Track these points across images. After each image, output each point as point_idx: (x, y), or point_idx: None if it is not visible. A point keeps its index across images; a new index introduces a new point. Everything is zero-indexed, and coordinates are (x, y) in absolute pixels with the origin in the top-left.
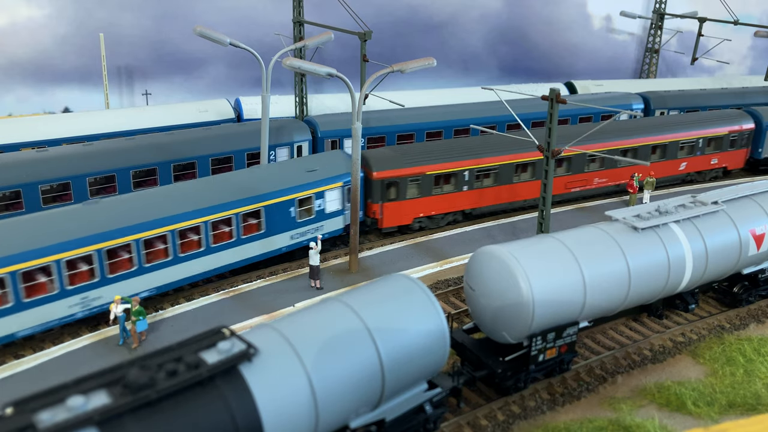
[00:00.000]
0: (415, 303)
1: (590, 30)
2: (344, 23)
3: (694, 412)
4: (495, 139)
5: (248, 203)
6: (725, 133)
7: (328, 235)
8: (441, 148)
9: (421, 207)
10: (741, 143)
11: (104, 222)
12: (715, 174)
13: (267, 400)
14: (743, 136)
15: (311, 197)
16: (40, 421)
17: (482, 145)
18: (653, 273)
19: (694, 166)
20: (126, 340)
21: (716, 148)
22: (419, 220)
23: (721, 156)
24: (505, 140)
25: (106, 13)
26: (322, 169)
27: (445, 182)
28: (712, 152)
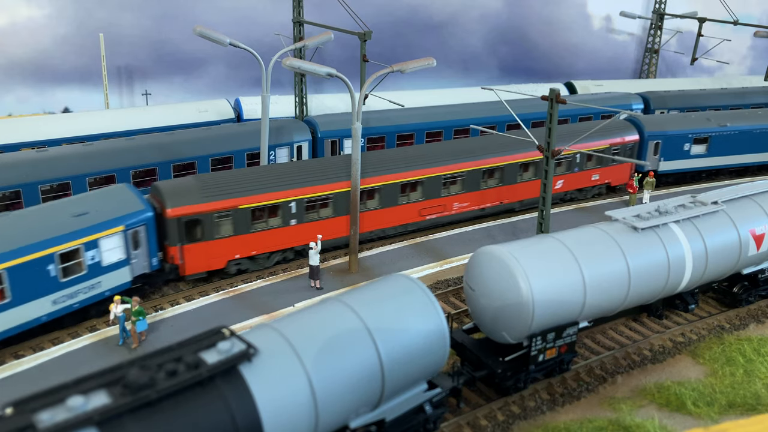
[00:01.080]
0: (415, 303)
1: (590, 30)
2: (344, 23)
3: (694, 412)
4: (336, 163)
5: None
6: (606, 146)
7: (110, 292)
8: (262, 175)
9: (237, 247)
10: (626, 156)
11: None
12: (598, 191)
13: (267, 400)
14: (626, 149)
15: (79, 249)
16: (40, 421)
17: (318, 169)
18: (653, 273)
19: (572, 183)
20: (126, 340)
21: (597, 163)
22: (237, 263)
23: (602, 171)
24: (344, 164)
25: (106, 13)
26: (95, 212)
27: (271, 215)
28: (592, 168)
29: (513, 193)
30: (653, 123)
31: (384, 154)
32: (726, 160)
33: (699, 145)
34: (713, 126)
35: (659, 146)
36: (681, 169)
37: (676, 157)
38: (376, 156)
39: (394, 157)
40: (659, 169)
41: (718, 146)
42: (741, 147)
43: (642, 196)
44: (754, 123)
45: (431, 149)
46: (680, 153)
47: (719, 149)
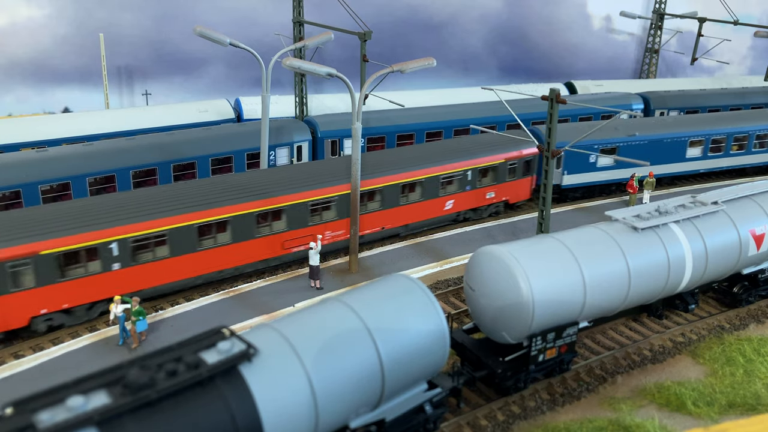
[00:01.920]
0: (415, 303)
1: (590, 30)
2: (344, 23)
3: (694, 412)
4: (187, 191)
5: None
6: (501, 161)
7: None
8: (77, 210)
9: (44, 300)
10: (524, 171)
11: None
12: (495, 209)
13: (267, 400)
14: (525, 163)
15: None
16: (40, 421)
17: (157, 199)
18: (653, 273)
19: (463, 203)
20: (126, 340)
21: (493, 180)
22: (47, 318)
23: (498, 188)
24: (196, 191)
25: (106, 13)
26: None
27: (88, 259)
28: (487, 185)
29: (396, 217)
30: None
31: (237, 179)
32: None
33: (606, 157)
34: (621, 136)
35: (562, 159)
36: (587, 182)
37: (581, 170)
38: (229, 181)
39: (248, 182)
40: (562, 184)
41: (627, 157)
42: (652, 157)
43: (642, 196)
44: (665, 132)
45: (290, 173)
46: (585, 165)
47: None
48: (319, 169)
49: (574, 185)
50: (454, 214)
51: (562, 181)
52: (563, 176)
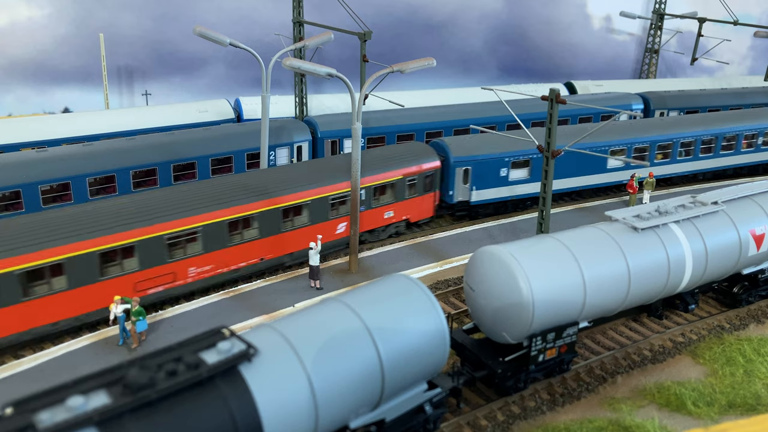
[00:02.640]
0: (415, 303)
1: (590, 30)
2: (344, 23)
3: (694, 412)
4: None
5: None
6: (399, 177)
7: None
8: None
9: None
10: (426, 187)
11: None
12: (396, 230)
13: (267, 400)
14: (425, 178)
15: None
16: (40, 421)
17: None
18: (653, 273)
19: (361, 223)
20: (126, 340)
21: (391, 198)
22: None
23: (398, 207)
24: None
25: (106, 13)
26: None
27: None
28: (385, 204)
29: (278, 245)
30: (461, 146)
31: (69, 214)
32: (565, 184)
33: (519, 170)
34: (534, 147)
35: (469, 173)
36: (498, 198)
37: (492, 185)
38: (51, 220)
39: (82, 215)
40: (471, 200)
41: (541, 170)
42: (569, 169)
43: (642, 196)
44: (583, 141)
45: (147, 200)
46: (496, 180)
47: (558, 171)
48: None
49: (485, 201)
50: (347, 238)
51: (470, 197)
52: (471, 192)
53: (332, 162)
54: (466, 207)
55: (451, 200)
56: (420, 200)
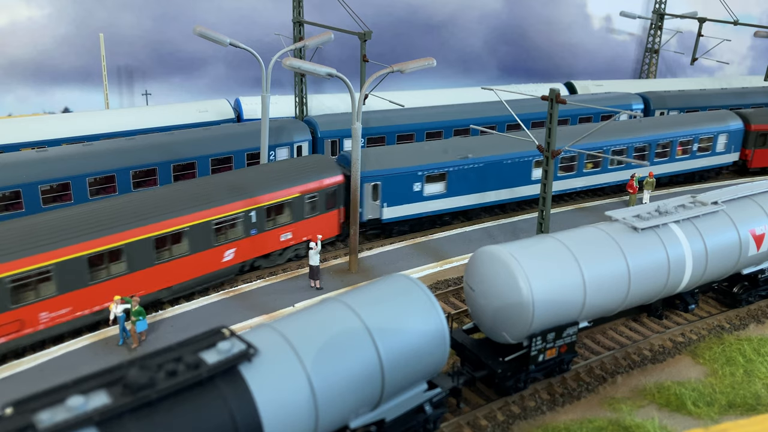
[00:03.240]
0: (415, 303)
1: (590, 30)
2: (344, 23)
3: (694, 412)
4: None
5: None
6: (296, 194)
7: None
8: None
9: None
10: (328, 204)
11: None
12: (295, 252)
13: (267, 400)
14: (327, 195)
15: None
16: (40, 421)
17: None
18: (653, 273)
19: (249, 251)
20: (126, 340)
21: (288, 218)
22: None
23: (296, 228)
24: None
25: (106, 13)
26: None
27: None
28: (281, 225)
29: (152, 280)
30: (369, 159)
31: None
32: (472, 200)
33: (434, 184)
34: (451, 159)
35: (379, 189)
36: (413, 214)
37: (405, 201)
38: None
39: None
40: (382, 218)
41: (459, 183)
42: (491, 181)
43: (642, 196)
44: (505, 152)
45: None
46: (409, 195)
47: (462, 187)
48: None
49: (398, 218)
50: (239, 265)
51: (381, 215)
52: (383, 209)
53: (222, 180)
54: (378, 225)
55: (360, 218)
56: (322, 219)
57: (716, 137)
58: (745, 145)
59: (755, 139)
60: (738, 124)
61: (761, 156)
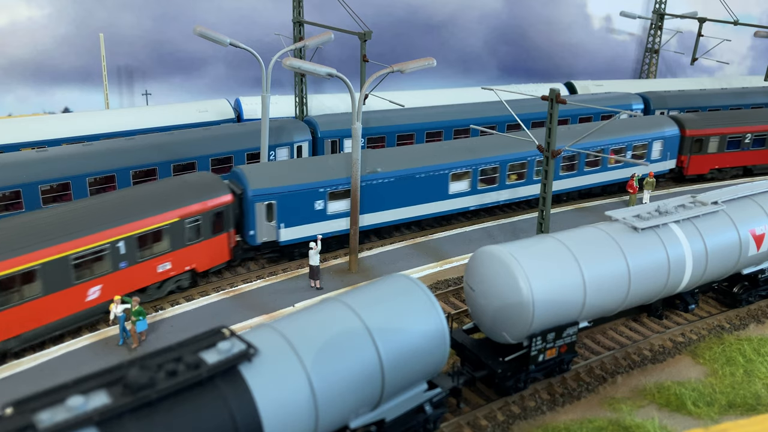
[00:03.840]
0: (415, 303)
1: (590, 30)
2: (344, 23)
3: (694, 412)
4: None
5: None
6: (174, 219)
7: None
8: None
9: None
10: (215, 227)
11: None
12: (177, 284)
13: (267, 400)
14: (215, 217)
15: None
16: (40, 421)
17: None
18: (653, 273)
19: (118, 286)
20: (126, 340)
21: (167, 247)
22: None
23: (176, 256)
24: None
25: (106, 13)
26: None
27: None
28: (157, 255)
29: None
30: (263, 175)
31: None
32: (384, 217)
33: (339, 201)
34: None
35: (274, 208)
36: (315, 235)
37: (305, 221)
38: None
39: None
40: (280, 239)
41: (369, 200)
42: (403, 197)
43: (642, 196)
44: (418, 166)
45: None
46: (310, 214)
47: (372, 203)
48: None
49: (298, 240)
50: (103, 304)
51: (278, 237)
52: (279, 230)
53: (92, 204)
54: (275, 248)
55: (253, 241)
56: (208, 245)
57: (651, 144)
58: (681, 151)
59: (691, 145)
60: (673, 130)
61: (697, 162)
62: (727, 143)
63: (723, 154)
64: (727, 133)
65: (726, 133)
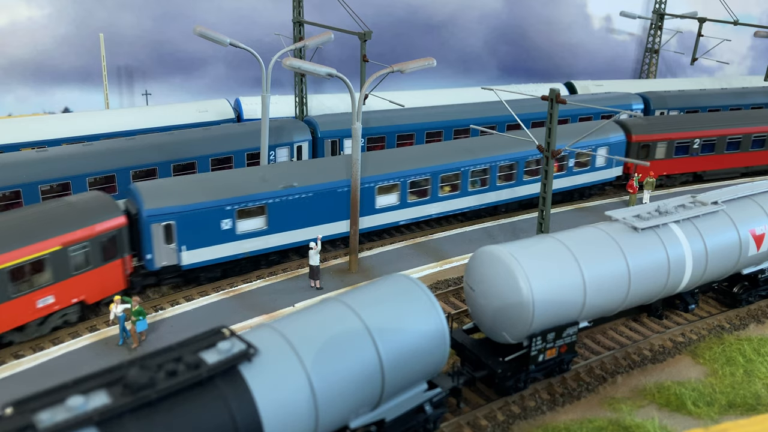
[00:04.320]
0: (415, 303)
1: (590, 30)
2: (344, 23)
3: (694, 412)
4: None
5: None
6: (55, 248)
7: None
8: None
9: None
10: (106, 254)
11: None
12: (63, 318)
13: (267, 400)
14: (105, 242)
15: None
16: (40, 421)
17: None
18: (653, 273)
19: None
20: (126, 340)
21: (48, 279)
22: None
23: (60, 289)
24: None
25: (106, 13)
26: None
27: None
28: (38, 288)
29: None
30: (161, 193)
31: None
32: (303, 235)
33: (250, 220)
34: (270, 189)
35: (173, 229)
36: (223, 257)
37: (211, 242)
38: None
39: None
40: (182, 263)
41: (284, 217)
42: (322, 214)
43: (642, 196)
44: (339, 179)
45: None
46: (216, 235)
47: (288, 221)
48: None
49: (204, 263)
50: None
51: (180, 260)
52: (181, 253)
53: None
54: (178, 272)
55: (151, 266)
56: (98, 273)
57: (596, 151)
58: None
59: (638, 151)
60: (619, 136)
61: (644, 169)
62: (675, 149)
63: (671, 161)
64: (675, 139)
65: (674, 139)
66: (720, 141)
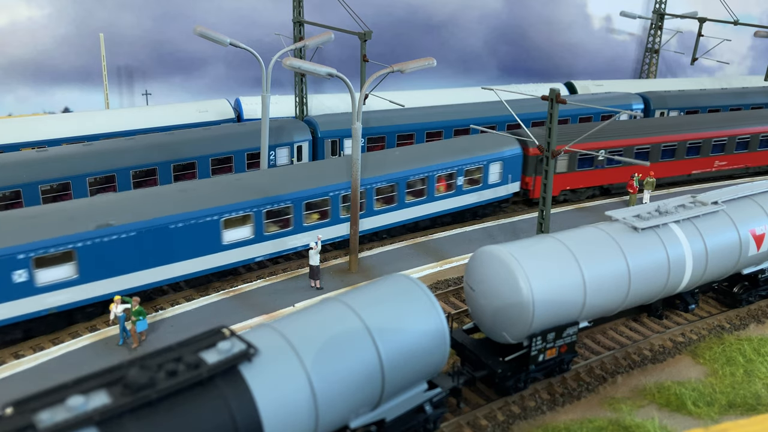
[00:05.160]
0: (415, 303)
1: (590, 30)
2: (344, 23)
3: (694, 412)
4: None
5: None
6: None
7: None
8: None
9: None
10: None
11: None
12: None
13: (267, 400)
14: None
15: None
16: (40, 421)
17: None
18: (653, 273)
19: None
20: (126, 340)
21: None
22: None
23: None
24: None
25: (106, 13)
26: None
27: None
28: None
29: None
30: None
31: None
32: (127, 282)
33: (53, 269)
34: (81, 230)
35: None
36: (21, 315)
37: (1, 298)
38: None
39: None
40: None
41: (101, 263)
42: (157, 255)
43: (642, 196)
44: (179, 211)
45: None
46: (8, 290)
47: (107, 267)
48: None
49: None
50: None
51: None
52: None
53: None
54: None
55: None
56: None
57: (487, 167)
58: (525, 172)
59: (536, 165)
60: (515, 150)
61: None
62: (578, 162)
63: (574, 174)
64: (577, 150)
65: (575, 151)
66: (627, 151)
